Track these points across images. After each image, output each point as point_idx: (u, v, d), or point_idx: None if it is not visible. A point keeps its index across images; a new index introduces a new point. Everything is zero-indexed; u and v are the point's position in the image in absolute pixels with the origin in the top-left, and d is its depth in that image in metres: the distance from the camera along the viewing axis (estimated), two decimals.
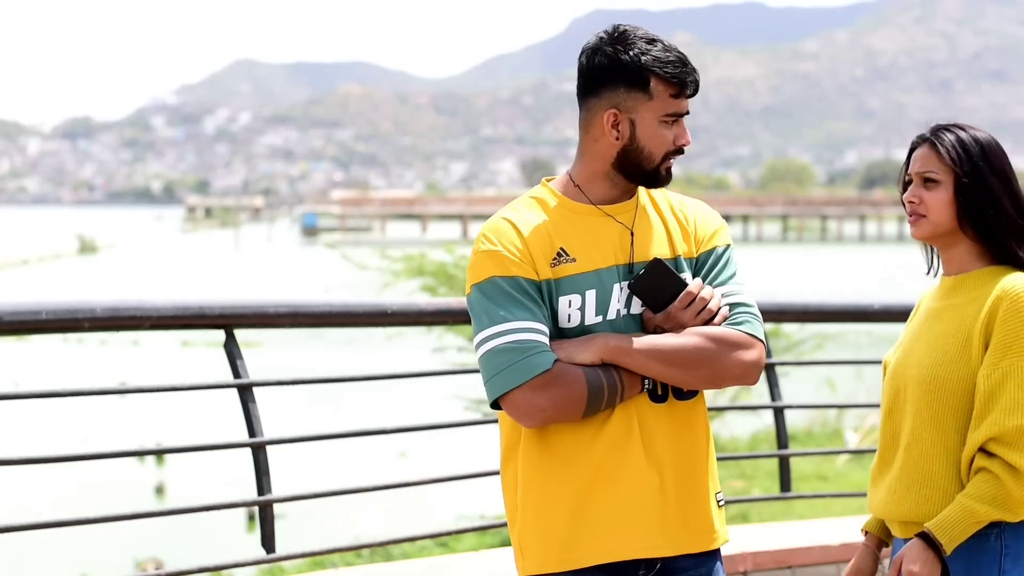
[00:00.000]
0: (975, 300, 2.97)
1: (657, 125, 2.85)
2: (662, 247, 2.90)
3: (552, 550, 2.84)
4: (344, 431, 4.39)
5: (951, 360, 2.95)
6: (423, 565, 4.61)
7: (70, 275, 53.35)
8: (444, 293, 14.96)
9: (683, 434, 2.86)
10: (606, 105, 2.86)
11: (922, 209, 3.03)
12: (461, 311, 4.69)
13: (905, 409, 3.01)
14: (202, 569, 3.89)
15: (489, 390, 2.81)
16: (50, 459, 3.89)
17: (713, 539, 2.89)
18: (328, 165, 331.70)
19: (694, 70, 2.87)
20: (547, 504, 2.84)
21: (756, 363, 2.86)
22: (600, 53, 2.87)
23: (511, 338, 2.78)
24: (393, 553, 11.15)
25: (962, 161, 2.98)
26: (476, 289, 2.84)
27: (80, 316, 3.87)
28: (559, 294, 2.83)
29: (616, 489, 2.80)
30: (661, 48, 2.85)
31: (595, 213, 2.89)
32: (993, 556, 2.92)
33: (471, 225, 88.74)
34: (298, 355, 26.09)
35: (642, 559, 2.83)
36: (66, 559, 12.87)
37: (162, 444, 13.82)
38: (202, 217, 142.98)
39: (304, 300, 4.38)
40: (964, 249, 3.04)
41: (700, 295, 2.85)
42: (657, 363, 2.79)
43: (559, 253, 2.84)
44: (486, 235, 2.87)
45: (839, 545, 4.36)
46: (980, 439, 2.88)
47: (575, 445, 2.82)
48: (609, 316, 2.84)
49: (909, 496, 2.97)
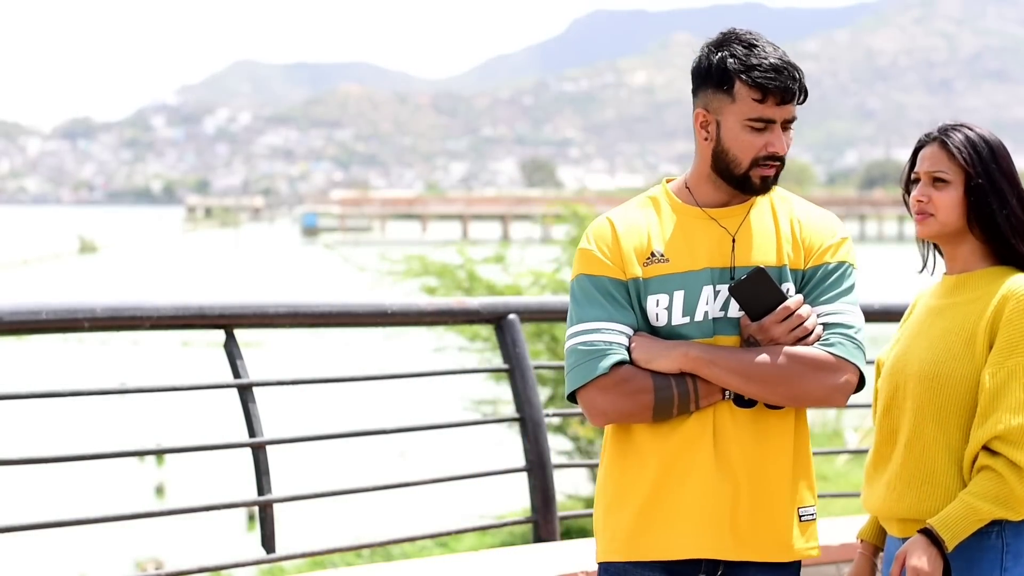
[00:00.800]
0: (980, 299, 2.97)
1: (740, 129, 2.85)
2: (767, 255, 2.88)
3: (618, 540, 2.88)
4: (344, 431, 4.39)
5: (954, 357, 2.94)
6: (423, 565, 4.61)
7: (70, 275, 53.32)
8: (446, 295, 14.95)
9: (765, 442, 2.85)
10: (698, 105, 2.91)
11: (930, 208, 3.03)
12: (461, 311, 4.69)
13: (905, 405, 3.00)
14: (202, 569, 3.89)
15: (566, 386, 2.91)
16: (50, 459, 3.89)
17: (785, 552, 2.86)
18: (328, 165, 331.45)
19: (791, 79, 2.84)
20: (619, 495, 2.88)
21: (841, 387, 2.83)
22: (700, 54, 2.91)
23: (583, 338, 2.85)
24: (393, 553, 11.15)
25: (973, 161, 2.99)
26: (571, 286, 2.94)
27: (80, 316, 3.87)
28: (648, 293, 2.87)
29: (684, 488, 2.82)
30: (759, 53, 2.84)
31: (700, 216, 2.90)
32: (994, 554, 2.92)
33: (471, 225, 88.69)
34: (298, 355, 26.09)
35: (702, 560, 2.83)
36: (66, 559, 12.87)
37: (162, 444, 13.80)
38: (202, 217, 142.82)
39: (304, 300, 4.38)
40: (969, 248, 3.04)
41: (797, 312, 2.83)
42: (738, 378, 2.80)
43: (653, 253, 2.88)
44: (587, 233, 2.95)
45: (839, 545, 4.35)
46: (984, 437, 2.88)
47: (651, 441, 2.86)
48: (696, 318, 2.85)
49: (909, 493, 2.96)
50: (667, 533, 2.83)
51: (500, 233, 75.25)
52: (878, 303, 5.04)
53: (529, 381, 4.68)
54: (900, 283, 7.57)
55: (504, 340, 4.70)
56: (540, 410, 4.70)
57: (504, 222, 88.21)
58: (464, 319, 4.83)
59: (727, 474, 2.82)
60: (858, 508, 10.50)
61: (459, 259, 15.05)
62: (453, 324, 4.88)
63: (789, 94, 2.85)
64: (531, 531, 4.71)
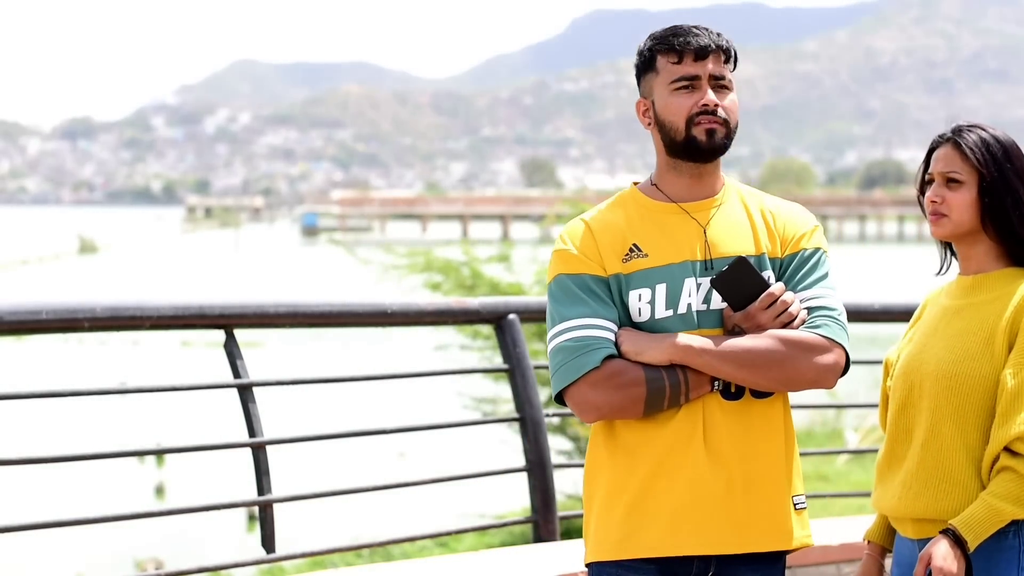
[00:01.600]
0: (999, 299, 2.97)
1: (668, 95, 2.89)
2: (743, 245, 2.90)
3: (611, 540, 2.86)
4: (344, 431, 4.39)
5: (973, 357, 2.94)
6: (423, 565, 4.61)
7: (70, 275, 53.32)
8: (448, 291, 14.94)
9: (756, 432, 2.86)
10: (639, 97, 2.97)
11: (944, 209, 3.02)
12: (461, 311, 4.69)
13: (921, 405, 3.00)
14: (202, 569, 3.89)
15: (552, 386, 2.89)
16: (50, 459, 3.89)
17: (783, 540, 2.87)
18: (328, 165, 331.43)
19: (708, 35, 2.88)
20: (608, 494, 2.87)
21: (832, 367, 2.84)
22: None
23: (568, 336, 2.84)
24: (393, 553, 11.15)
25: (987, 162, 2.98)
26: (548, 289, 2.93)
27: (80, 316, 3.86)
28: (629, 288, 2.87)
29: (675, 484, 2.82)
30: (676, 29, 2.90)
31: (672, 210, 2.92)
32: (1012, 554, 2.92)
33: (471, 225, 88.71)
34: (298, 355, 26.09)
35: (695, 557, 2.83)
36: (66, 559, 12.88)
37: (162, 444, 13.81)
38: (202, 217, 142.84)
39: (304, 300, 4.38)
40: (983, 249, 3.04)
41: (782, 298, 2.85)
42: (729, 365, 2.80)
43: (631, 248, 2.88)
44: (561, 236, 2.95)
45: (839, 545, 4.35)
46: (1005, 438, 2.87)
47: (639, 437, 2.85)
48: (680, 311, 2.86)
49: (926, 492, 2.95)
50: (659, 530, 2.82)
51: (500, 233, 75.26)
52: (878, 303, 5.03)
53: (529, 381, 4.68)
54: (900, 283, 7.57)
55: (504, 340, 4.70)
56: (540, 410, 4.70)
57: (504, 222, 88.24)
58: (464, 319, 4.83)
59: (720, 467, 2.81)
60: (858, 508, 10.52)
61: (463, 256, 15.05)
62: (453, 324, 4.87)
63: (704, 50, 2.87)
64: (531, 531, 4.71)
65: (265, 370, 17.95)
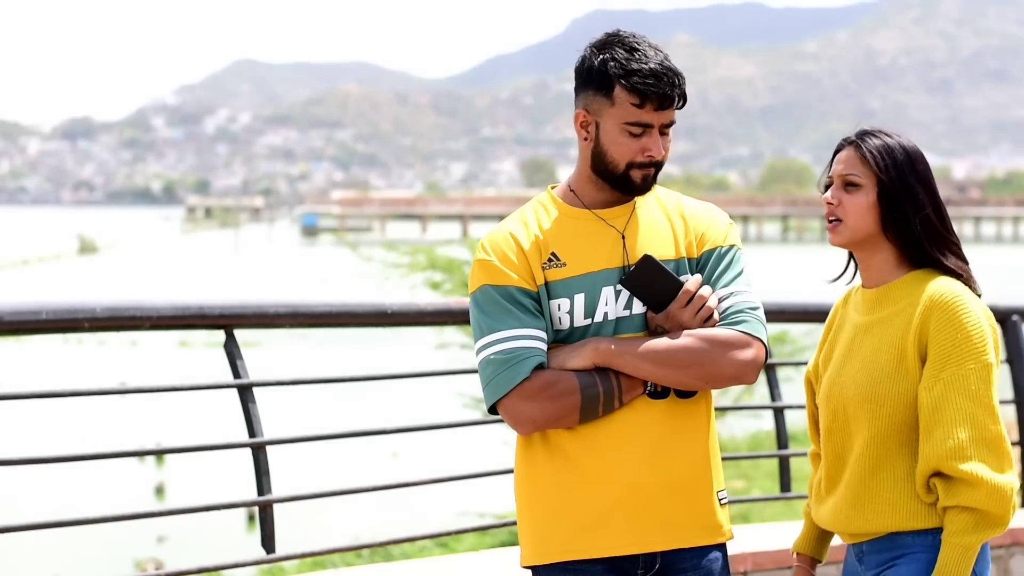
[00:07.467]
0: (903, 311, 2.93)
1: (618, 132, 2.85)
2: (661, 249, 2.89)
3: (555, 543, 2.87)
4: (344, 431, 4.39)
5: (888, 377, 2.92)
6: (423, 565, 4.61)
7: (70, 275, 53.35)
8: (450, 290, 14.96)
9: (683, 431, 2.87)
10: (579, 105, 2.91)
11: (840, 212, 2.98)
12: (461, 311, 4.69)
13: (848, 428, 2.99)
14: (202, 569, 3.89)
15: (485, 399, 2.87)
16: (50, 459, 3.89)
17: (714, 534, 2.91)
18: (328, 165, 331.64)
19: (670, 85, 2.82)
20: (547, 499, 2.88)
21: (752, 362, 2.85)
22: (583, 54, 2.91)
23: (497, 348, 2.83)
24: (393, 553, 11.16)
25: (887, 167, 2.94)
26: (472, 299, 2.91)
27: (80, 316, 3.86)
28: (550, 298, 2.87)
29: (614, 485, 2.83)
30: (640, 57, 2.83)
31: (589, 218, 2.91)
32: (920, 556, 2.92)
33: (471, 225, 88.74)
34: (298, 355, 26.11)
35: (641, 554, 2.85)
36: (66, 559, 12.88)
37: (162, 444, 13.81)
38: (202, 217, 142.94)
39: (304, 300, 4.37)
40: (883, 257, 2.99)
41: (699, 293, 2.85)
42: (650, 364, 2.81)
43: (550, 258, 2.88)
44: (482, 244, 2.92)
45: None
46: (932, 456, 2.84)
47: (574, 442, 2.85)
48: (596, 319, 2.86)
49: (856, 514, 2.96)
50: (602, 531, 2.83)
51: None
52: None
53: None
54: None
55: None
56: None
57: None
58: (464, 319, 4.83)
59: (653, 467, 2.83)
60: None
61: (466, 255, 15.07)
62: (453, 324, 4.87)
63: (667, 100, 2.84)
64: None
65: (265, 370, 17.95)
